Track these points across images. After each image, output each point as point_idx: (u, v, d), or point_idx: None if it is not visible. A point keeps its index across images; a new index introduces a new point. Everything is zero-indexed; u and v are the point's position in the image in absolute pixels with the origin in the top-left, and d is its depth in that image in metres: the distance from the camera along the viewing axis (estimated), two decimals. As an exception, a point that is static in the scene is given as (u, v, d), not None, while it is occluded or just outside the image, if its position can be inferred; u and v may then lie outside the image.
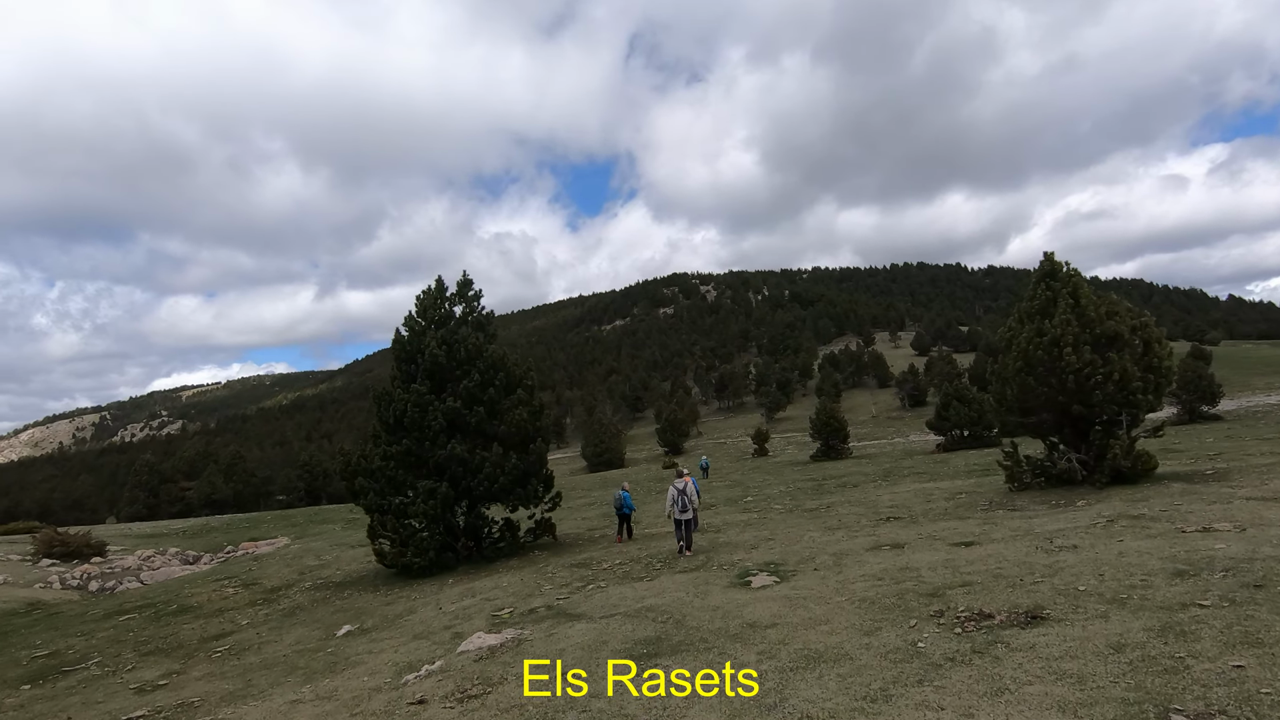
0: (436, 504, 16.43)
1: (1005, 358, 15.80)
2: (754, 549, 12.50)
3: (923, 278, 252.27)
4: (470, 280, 19.10)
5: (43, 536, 32.46)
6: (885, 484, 25.23)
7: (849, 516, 16.30)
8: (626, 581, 10.95)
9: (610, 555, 14.87)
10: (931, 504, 16.90)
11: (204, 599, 18.76)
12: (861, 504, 19.05)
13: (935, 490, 20.17)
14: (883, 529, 13.01)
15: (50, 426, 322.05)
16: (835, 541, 11.87)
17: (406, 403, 17.11)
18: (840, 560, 9.71)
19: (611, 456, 75.92)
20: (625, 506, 17.60)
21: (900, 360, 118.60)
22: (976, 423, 45.41)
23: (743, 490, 30.00)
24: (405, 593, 14.80)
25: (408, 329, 18.40)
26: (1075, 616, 5.63)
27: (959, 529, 11.44)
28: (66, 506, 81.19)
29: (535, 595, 11.07)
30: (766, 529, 15.66)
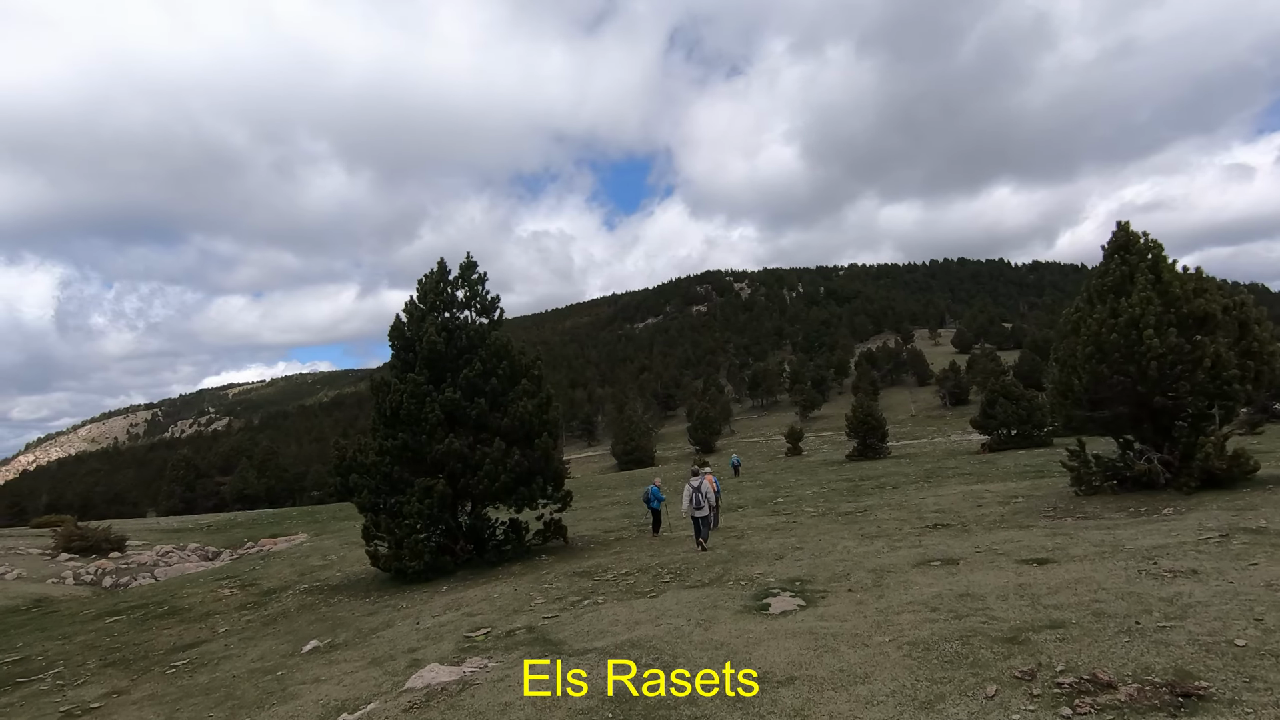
0: (433, 503, 15.06)
1: (1070, 342, 13.78)
2: (779, 559, 10.81)
3: (963, 274, 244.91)
4: (474, 263, 17.69)
5: (63, 531, 32.21)
6: (928, 486, 23.20)
7: (889, 523, 14.47)
8: (627, 598, 9.38)
9: (618, 562, 13.31)
10: (984, 509, 14.96)
11: (198, 600, 17.78)
12: (903, 508, 17.16)
13: (986, 494, 18.15)
14: (930, 539, 11.19)
15: (106, 423, 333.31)
16: (874, 554, 10.12)
17: (402, 393, 15.80)
18: (880, 580, 7.99)
19: (641, 455, 74.40)
20: (654, 499, 17.42)
21: (940, 358, 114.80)
22: (1025, 421, 42.78)
23: (773, 491, 28.16)
24: (394, 600, 13.47)
25: (407, 314, 17.09)
26: (1252, 696, 3.81)
27: (1024, 541, 9.60)
28: (108, 500, 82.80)
29: (522, 611, 9.57)
30: (795, 535, 13.93)
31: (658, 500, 17.36)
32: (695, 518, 13.37)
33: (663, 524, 17.69)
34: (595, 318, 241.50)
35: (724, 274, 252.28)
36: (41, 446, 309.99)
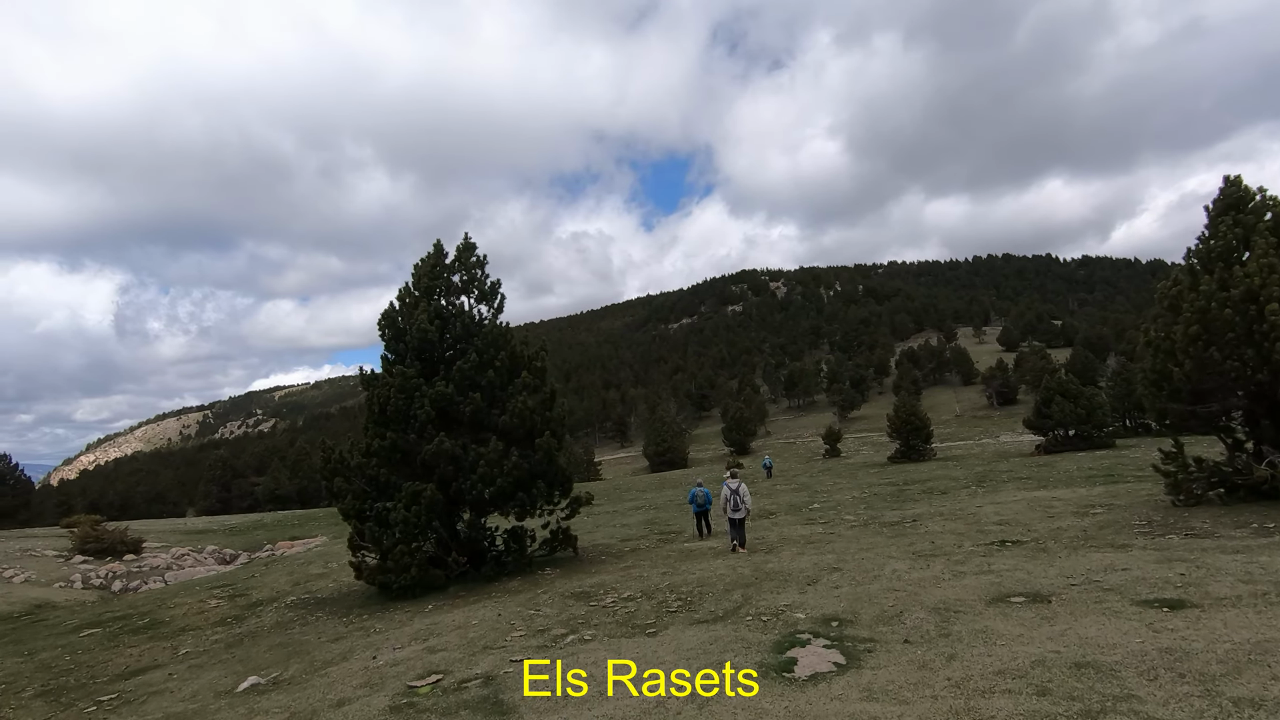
0: (421, 510, 13.39)
1: (1167, 322, 11.46)
2: (811, 585, 8.81)
3: (1009, 270, 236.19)
4: (473, 244, 16.02)
5: (80, 532, 31.63)
6: (982, 492, 20.80)
7: (945, 537, 12.31)
8: (619, 635, 7.51)
9: (625, 581, 11.44)
10: (1058, 521, 12.69)
11: (182, 612, 16.49)
12: (958, 517, 14.94)
13: (1055, 502, 15.79)
14: (1001, 561, 9.07)
15: (160, 424, 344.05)
16: (932, 581, 8.06)
17: (390, 387, 14.20)
18: (947, 624, 5.98)
19: (674, 456, 72.36)
20: (701, 502, 16.92)
21: (986, 356, 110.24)
22: (1084, 421, 39.68)
23: (809, 495, 25.95)
24: (371, 621, 11.82)
25: (400, 300, 15.50)
26: None
27: (1132, 569, 7.45)
28: (149, 500, 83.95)
29: (493, 649, 7.78)
30: (833, 551, 11.88)
31: (706, 503, 16.91)
32: (732, 519, 13.61)
33: (710, 528, 17.26)
34: (630, 319, 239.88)
35: (759, 273, 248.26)
36: (101, 447, 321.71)
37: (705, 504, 16.87)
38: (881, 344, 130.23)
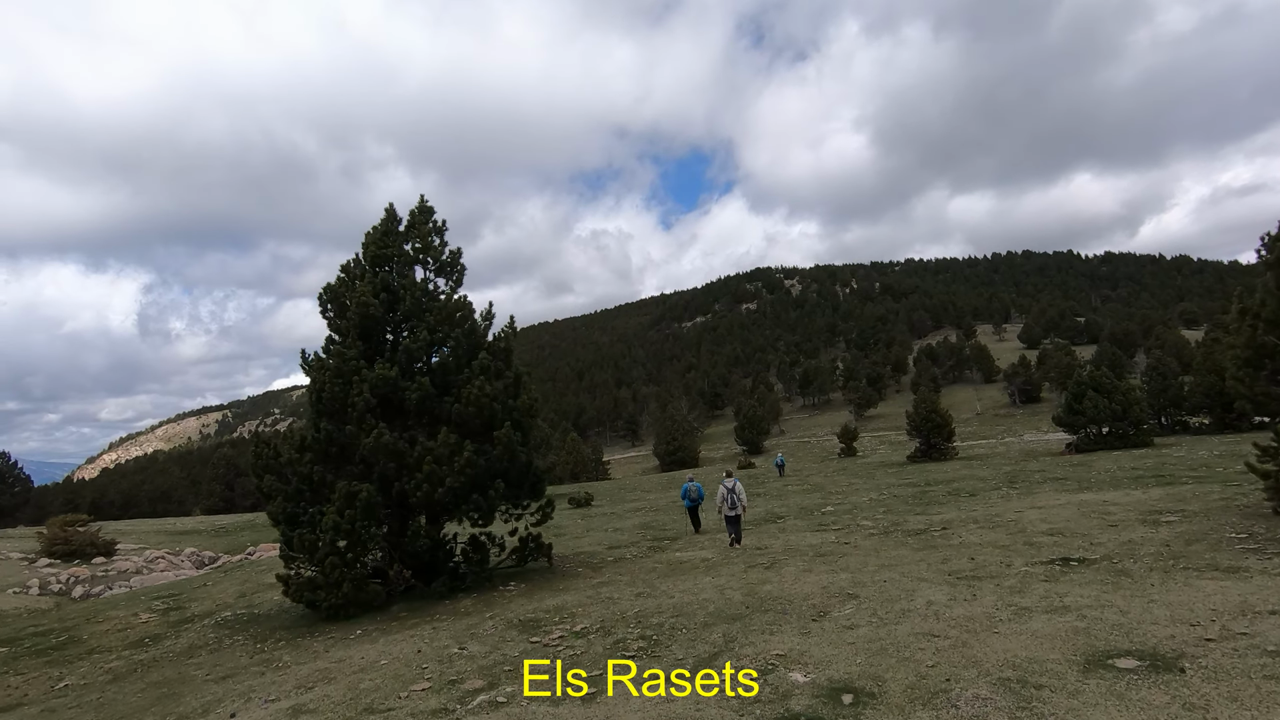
0: (356, 515, 11.28)
1: (1268, 281, 9.07)
2: (817, 621, 6.57)
3: (1029, 267, 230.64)
4: (430, 208, 13.88)
5: (48, 534, 29.95)
6: (1016, 494, 18.36)
7: (987, 551, 9.98)
8: (539, 702, 5.32)
9: (590, 606, 9.25)
10: (1123, 531, 10.32)
11: (106, 629, 14.51)
12: (996, 525, 12.57)
13: (1111, 507, 13.37)
14: (1073, 589, 6.76)
15: (181, 423, 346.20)
16: (984, 621, 5.79)
17: (325, 369, 12.11)
18: (1029, 713, 3.74)
19: (685, 455, 69.93)
20: (694, 497, 16.99)
21: (1006, 354, 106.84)
22: (1120, 418, 36.85)
23: (822, 497, 23.59)
24: (278, 653, 9.73)
25: (344, 272, 13.40)
26: None
27: (1278, 608, 5.15)
28: (154, 499, 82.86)
29: (374, 713, 5.63)
30: (847, 569, 9.61)
31: (697, 498, 17.03)
32: (728, 517, 14.00)
33: (701, 523, 17.51)
34: (645, 318, 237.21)
35: (774, 270, 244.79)
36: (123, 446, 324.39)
37: (698, 498, 16.98)
38: (899, 341, 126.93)
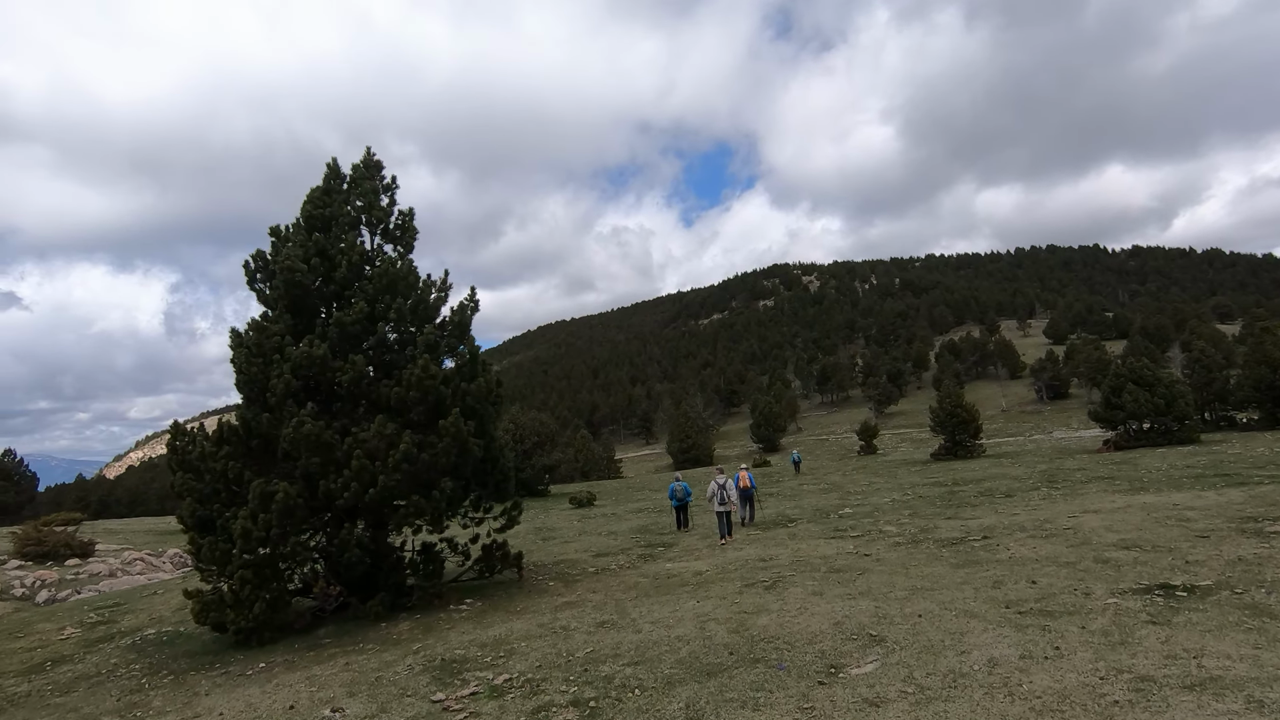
0: (271, 519, 9.33)
1: None
2: (826, 684, 4.49)
3: (1054, 261, 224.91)
4: (377, 163, 11.91)
5: (21, 534, 28.52)
6: (1059, 495, 16.04)
7: (1047, 570, 7.80)
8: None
9: (543, 640, 7.22)
10: (1222, 545, 8.09)
11: (27, 644, 12.73)
12: (1048, 533, 10.35)
13: (1185, 511, 11.09)
14: (1205, 640, 4.64)
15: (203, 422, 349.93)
16: (1091, 703, 3.68)
17: (242, 346, 10.19)
18: None
19: (699, 453, 67.65)
20: (680, 496, 16.88)
21: (1032, 349, 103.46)
22: (1163, 413, 34.16)
23: (840, 498, 21.36)
24: (153, 695, 7.80)
25: (273, 236, 11.46)
26: None
27: None
28: (160, 497, 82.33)
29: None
30: (869, 594, 7.48)
31: (683, 498, 16.90)
32: (718, 513, 13.98)
33: (688, 521, 17.38)
34: (662, 315, 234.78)
35: (792, 267, 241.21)
36: (149, 444, 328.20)
37: (685, 498, 16.81)
38: (920, 337, 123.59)
